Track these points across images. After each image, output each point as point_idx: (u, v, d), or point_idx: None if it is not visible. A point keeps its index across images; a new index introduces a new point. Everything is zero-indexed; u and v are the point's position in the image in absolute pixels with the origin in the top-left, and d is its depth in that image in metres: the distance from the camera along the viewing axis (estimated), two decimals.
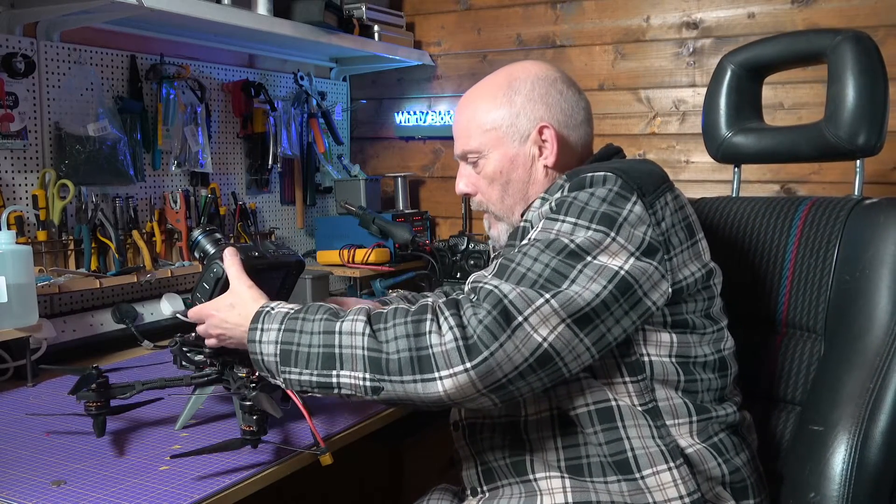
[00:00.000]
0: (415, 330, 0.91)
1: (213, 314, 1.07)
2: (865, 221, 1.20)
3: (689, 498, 0.99)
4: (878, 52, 1.26)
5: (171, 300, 1.79)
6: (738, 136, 1.41)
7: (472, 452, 1.12)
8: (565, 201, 1.00)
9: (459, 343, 0.89)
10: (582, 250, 0.96)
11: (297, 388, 0.97)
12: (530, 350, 0.90)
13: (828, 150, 1.30)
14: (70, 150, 1.65)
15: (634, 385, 1.01)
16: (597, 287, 0.94)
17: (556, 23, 2.27)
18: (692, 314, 1.04)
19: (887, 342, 1.10)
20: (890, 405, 1.06)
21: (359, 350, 0.93)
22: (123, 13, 1.58)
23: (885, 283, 1.14)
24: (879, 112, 1.24)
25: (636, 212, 0.99)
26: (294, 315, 0.99)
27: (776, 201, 1.35)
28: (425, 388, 0.90)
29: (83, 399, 1.10)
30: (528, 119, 1.14)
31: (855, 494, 1.04)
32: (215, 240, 1.19)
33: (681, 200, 1.06)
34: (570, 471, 1.02)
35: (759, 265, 1.32)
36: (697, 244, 1.06)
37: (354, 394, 0.94)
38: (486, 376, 0.89)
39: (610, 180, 1.00)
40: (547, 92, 1.15)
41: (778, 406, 1.26)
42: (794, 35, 1.41)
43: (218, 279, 1.11)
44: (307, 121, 2.29)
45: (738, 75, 1.41)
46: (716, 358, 1.07)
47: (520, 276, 0.94)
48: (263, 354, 0.99)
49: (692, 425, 1.03)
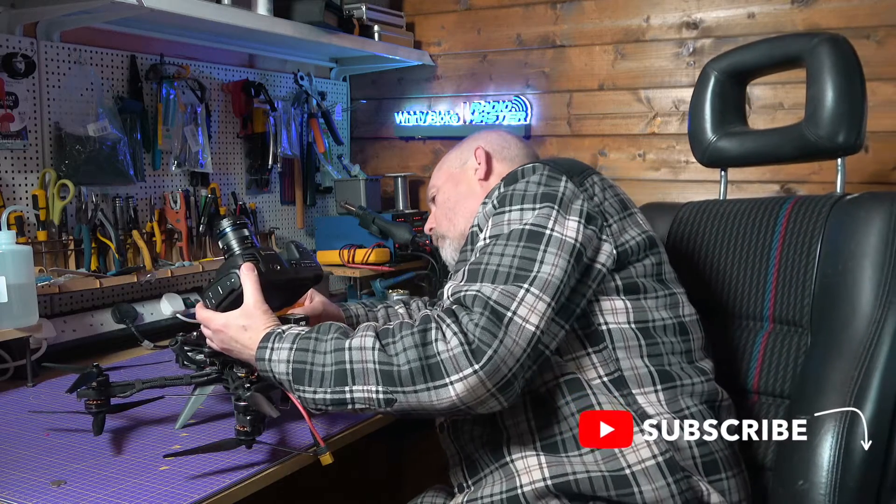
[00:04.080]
0: (422, 340, 0.95)
1: (222, 330, 1.10)
2: (847, 216, 1.23)
3: (663, 457, 1.00)
4: (854, 53, 1.30)
5: (171, 300, 1.80)
6: (723, 140, 1.45)
7: (456, 449, 1.14)
8: (505, 195, 1.08)
9: (465, 348, 0.92)
10: (537, 227, 1.02)
11: (312, 406, 1.01)
12: (526, 340, 0.95)
13: (809, 150, 1.34)
14: (70, 150, 1.65)
15: (598, 355, 1.06)
16: (563, 262, 1.00)
17: (556, 23, 2.27)
18: (641, 278, 1.09)
19: (871, 332, 1.13)
20: (875, 392, 1.08)
21: (370, 364, 0.96)
22: (123, 13, 1.58)
23: (867, 275, 1.16)
24: (858, 111, 1.28)
25: (570, 188, 1.07)
26: (305, 335, 1.03)
27: (760, 202, 1.38)
28: (438, 395, 0.93)
29: (83, 397, 1.10)
30: (468, 150, 1.34)
31: (843, 480, 1.06)
32: (242, 237, 1.17)
33: (608, 182, 1.14)
34: (546, 449, 1.04)
35: (745, 264, 1.34)
36: (634, 216, 1.13)
37: (368, 407, 0.98)
38: (493, 374, 0.93)
39: (538, 168, 1.10)
40: (488, 134, 1.38)
41: (767, 400, 1.28)
42: (773, 40, 1.45)
43: (233, 290, 1.12)
44: (307, 121, 2.29)
45: (722, 81, 1.46)
46: (675, 322, 1.11)
47: (493, 274, 0.99)
48: (277, 373, 1.02)
49: (658, 394, 1.06)
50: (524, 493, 1.01)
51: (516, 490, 1.02)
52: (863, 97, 1.29)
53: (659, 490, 0.99)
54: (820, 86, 1.29)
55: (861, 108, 1.28)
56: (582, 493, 1.00)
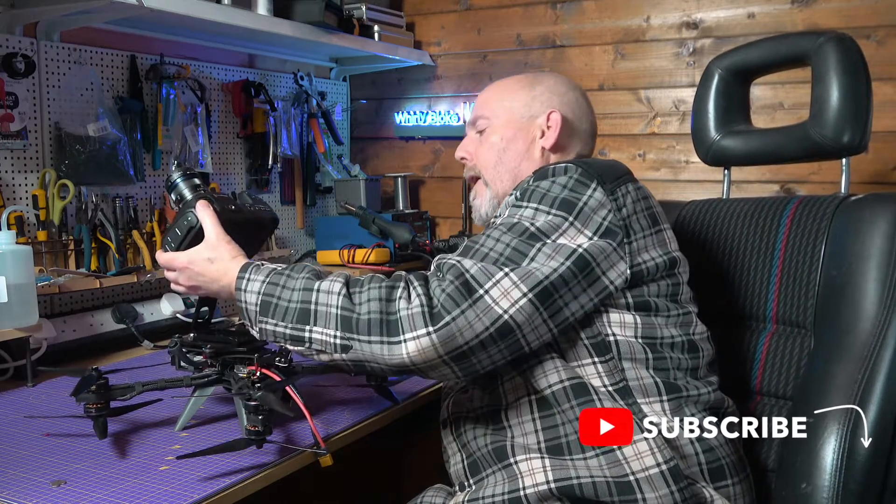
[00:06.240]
0: (387, 295, 0.96)
1: (188, 266, 1.10)
2: (851, 217, 1.22)
3: (667, 465, 1.00)
4: (860, 52, 1.30)
5: (171, 300, 1.79)
6: (727, 138, 1.44)
7: (458, 447, 1.14)
8: (528, 189, 1.07)
9: (425, 309, 0.94)
10: (541, 233, 1.02)
11: (271, 339, 1.03)
12: (491, 320, 0.95)
13: (814, 150, 1.33)
14: (70, 150, 1.65)
15: (603, 365, 1.05)
16: (555, 263, 0.99)
17: (556, 23, 2.27)
18: (654, 297, 1.08)
19: (875, 334, 1.12)
20: (879, 395, 1.08)
21: (333, 308, 0.98)
22: (123, 13, 1.58)
23: (872, 277, 1.16)
24: (863, 111, 1.28)
25: (596, 197, 1.04)
26: (280, 271, 1.04)
27: (764, 202, 1.37)
28: (390, 351, 0.95)
29: (83, 401, 1.10)
30: (541, 104, 1.24)
31: (846, 484, 1.06)
32: (194, 185, 1.17)
33: (644, 191, 1.11)
34: (550, 451, 1.04)
35: (748, 264, 1.34)
36: (662, 233, 1.10)
37: (324, 350, 0.99)
38: (447, 342, 0.94)
39: (571, 169, 1.07)
40: (566, 91, 1.26)
41: (770, 401, 1.28)
42: (778, 39, 1.44)
43: (191, 228, 1.12)
44: (307, 121, 2.29)
45: (726, 79, 1.45)
46: (684, 340, 1.10)
47: (482, 255, 1.00)
48: (246, 303, 1.04)
49: (664, 403, 1.06)
50: (527, 494, 1.01)
51: (519, 492, 1.01)
52: (868, 97, 1.28)
53: (662, 498, 0.98)
54: (825, 85, 1.28)
55: (867, 108, 1.28)
56: (585, 497, 0.99)
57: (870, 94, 1.28)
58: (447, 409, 1.18)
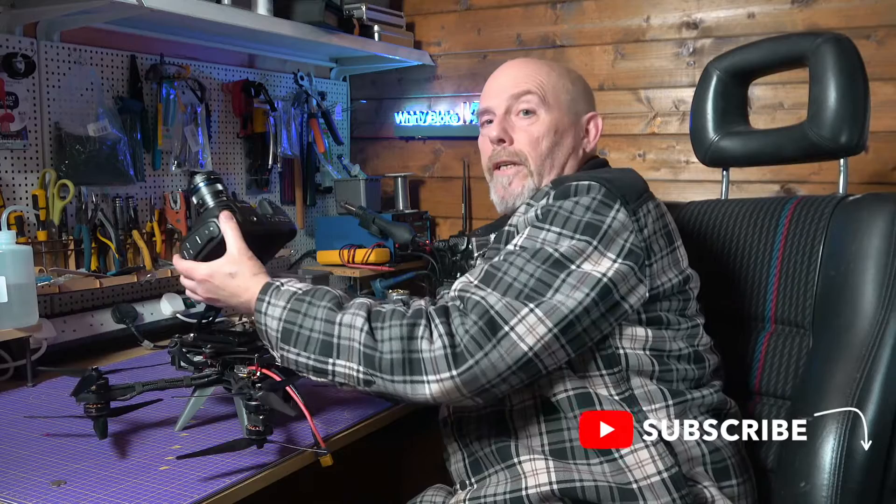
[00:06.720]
0: (409, 333, 0.95)
1: (208, 279, 1.10)
2: (849, 217, 1.23)
3: (668, 473, 1.00)
4: (858, 53, 1.30)
5: (171, 300, 1.79)
6: (725, 139, 1.45)
7: (460, 446, 1.14)
8: (550, 210, 1.04)
9: (447, 351, 0.93)
10: (566, 259, 1.00)
11: (293, 367, 1.03)
12: (515, 358, 0.95)
13: (812, 151, 1.33)
14: (70, 150, 1.65)
15: (611, 377, 1.05)
16: (579, 295, 0.98)
17: (556, 23, 2.27)
18: (666, 312, 1.08)
19: (873, 333, 1.13)
20: (877, 394, 1.09)
21: (355, 344, 0.97)
22: (123, 13, 1.58)
23: (870, 276, 1.16)
24: (860, 111, 1.28)
25: (619, 219, 1.02)
26: (300, 296, 1.03)
27: (763, 202, 1.38)
28: (413, 390, 0.95)
29: (83, 401, 1.10)
30: (585, 104, 1.25)
31: (845, 482, 1.06)
32: (216, 191, 1.17)
33: (661, 209, 1.10)
34: (554, 454, 1.04)
35: (747, 264, 1.34)
36: (676, 251, 1.10)
37: (347, 382, 0.99)
38: (470, 383, 0.94)
39: (594, 189, 1.04)
40: (593, 97, 1.29)
41: (769, 401, 1.28)
42: (776, 40, 1.44)
43: (212, 238, 1.12)
44: (307, 121, 2.29)
45: (724, 80, 1.46)
46: (691, 351, 1.10)
47: (506, 286, 0.98)
48: (267, 327, 1.03)
49: (669, 409, 1.06)
50: (529, 494, 1.01)
51: (521, 491, 1.02)
52: (866, 98, 1.28)
53: None
54: (823, 86, 1.29)
55: (864, 108, 1.28)
56: (587, 500, 1.00)
57: (867, 95, 1.29)
58: (448, 409, 1.18)
